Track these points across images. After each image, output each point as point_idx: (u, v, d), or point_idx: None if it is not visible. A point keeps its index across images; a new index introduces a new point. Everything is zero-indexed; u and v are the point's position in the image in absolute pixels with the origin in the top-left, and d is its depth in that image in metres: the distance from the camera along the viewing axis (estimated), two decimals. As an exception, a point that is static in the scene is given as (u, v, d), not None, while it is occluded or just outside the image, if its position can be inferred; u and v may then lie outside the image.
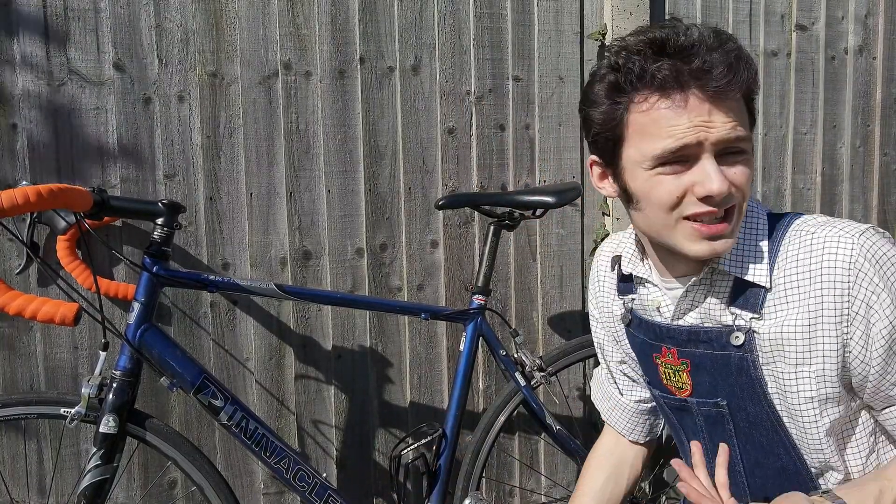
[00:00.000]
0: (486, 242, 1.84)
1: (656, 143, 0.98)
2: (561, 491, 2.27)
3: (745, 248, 1.07)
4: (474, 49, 2.08)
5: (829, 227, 1.02)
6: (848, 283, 0.99)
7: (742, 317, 1.07)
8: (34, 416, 1.53)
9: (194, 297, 1.90)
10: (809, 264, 1.02)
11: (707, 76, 0.95)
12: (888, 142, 2.60)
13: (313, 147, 1.96)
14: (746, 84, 0.99)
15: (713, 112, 0.96)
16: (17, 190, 1.20)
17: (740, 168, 1.00)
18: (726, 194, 0.98)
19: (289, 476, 1.62)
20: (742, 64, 0.98)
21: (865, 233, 1.00)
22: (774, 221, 1.08)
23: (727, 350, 1.09)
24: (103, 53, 1.79)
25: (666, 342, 1.16)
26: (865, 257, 0.98)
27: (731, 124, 0.97)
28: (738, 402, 1.11)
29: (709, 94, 0.96)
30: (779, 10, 2.41)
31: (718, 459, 1.00)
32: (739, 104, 1.00)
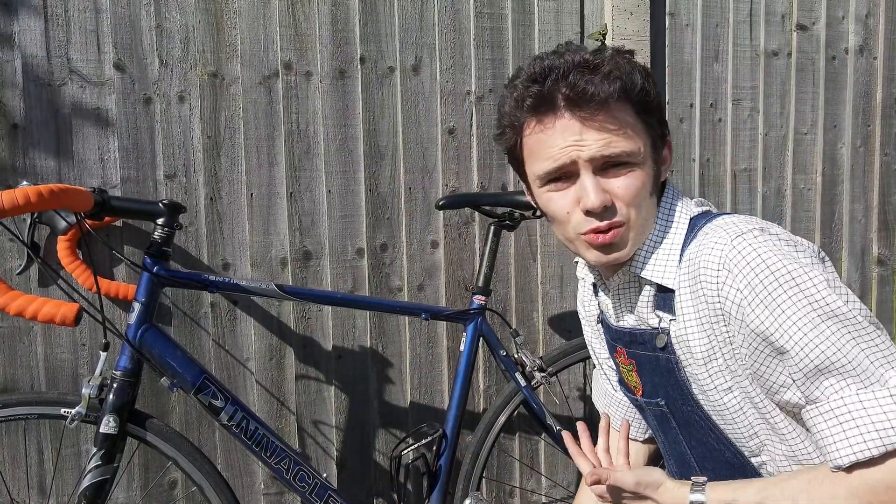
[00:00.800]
0: (487, 242, 1.84)
1: (539, 165, 1.07)
2: (561, 491, 2.27)
3: (659, 251, 1.09)
4: (475, 49, 2.08)
5: (720, 228, 1.03)
6: (717, 284, 0.99)
7: (664, 319, 1.10)
8: (34, 416, 1.54)
9: (195, 298, 1.90)
10: (694, 267, 1.03)
11: (575, 98, 1.01)
12: (889, 142, 2.60)
13: (314, 147, 1.96)
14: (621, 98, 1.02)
15: (584, 131, 1.02)
16: (18, 190, 1.20)
17: (623, 180, 1.04)
18: (604, 207, 1.03)
19: (289, 476, 1.62)
20: (612, 82, 1.01)
21: (745, 234, 0.99)
22: (699, 220, 1.09)
23: (656, 352, 1.12)
24: (104, 53, 1.79)
25: (618, 343, 1.21)
26: (736, 259, 0.97)
27: (603, 141, 1.02)
28: (674, 403, 1.14)
29: (578, 115, 1.02)
30: (779, 9, 2.41)
31: (621, 432, 1.16)
32: (623, 118, 1.03)
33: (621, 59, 1.05)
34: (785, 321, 0.94)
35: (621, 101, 1.02)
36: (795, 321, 0.93)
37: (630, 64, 1.05)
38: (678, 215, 1.11)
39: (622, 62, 1.04)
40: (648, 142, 1.06)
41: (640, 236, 1.08)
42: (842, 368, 0.92)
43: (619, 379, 1.29)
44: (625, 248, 1.07)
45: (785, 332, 0.94)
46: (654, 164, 1.08)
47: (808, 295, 0.93)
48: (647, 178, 1.06)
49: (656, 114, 1.08)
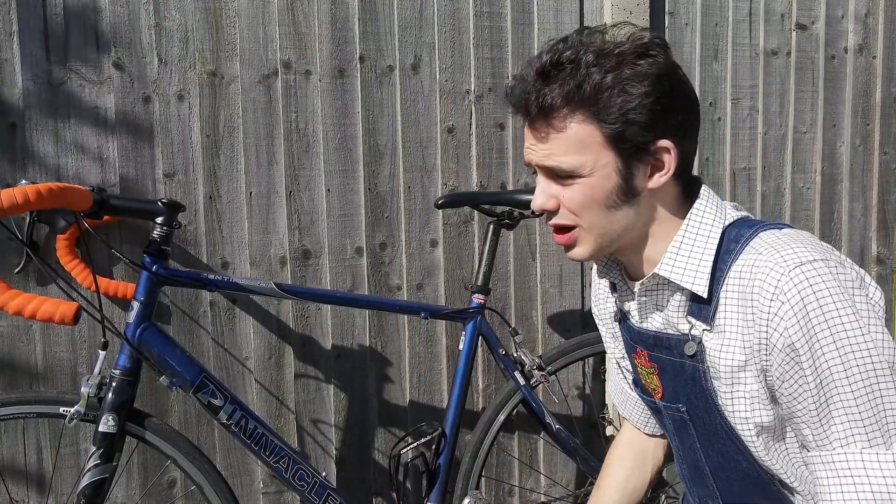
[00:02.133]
0: (486, 241, 1.84)
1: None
2: (560, 490, 2.27)
3: (690, 257, 1.06)
4: (474, 48, 2.08)
5: (773, 250, 0.99)
6: (769, 314, 0.97)
7: (696, 327, 1.08)
8: (33, 415, 1.53)
9: (194, 297, 1.90)
10: (747, 285, 1.00)
11: (524, 107, 1.03)
12: (888, 141, 2.60)
13: (313, 146, 1.96)
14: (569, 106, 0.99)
15: (532, 138, 1.05)
16: (17, 189, 1.19)
17: (567, 191, 1.04)
18: (543, 210, 1.07)
19: (288, 475, 1.62)
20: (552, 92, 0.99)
21: (805, 265, 0.95)
22: (742, 230, 1.06)
23: (683, 358, 1.10)
24: (103, 52, 1.79)
25: (639, 344, 1.19)
26: (792, 293, 0.94)
27: (544, 152, 1.03)
28: (696, 411, 1.12)
29: (529, 122, 1.05)
30: (779, 9, 2.41)
31: None
32: (570, 130, 1.00)
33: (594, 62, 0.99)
34: (825, 367, 0.94)
35: (572, 111, 1.00)
36: (834, 370, 0.93)
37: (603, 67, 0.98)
38: (711, 221, 1.07)
39: (588, 68, 0.98)
40: (608, 153, 1.01)
41: (605, 241, 1.07)
42: (855, 422, 0.93)
43: (634, 380, 1.28)
44: (580, 250, 1.08)
45: (822, 376, 0.94)
46: (620, 176, 1.02)
47: (854, 347, 0.93)
48: (596, 191, 1.03)
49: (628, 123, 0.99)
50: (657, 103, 1.00)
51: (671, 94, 1.02)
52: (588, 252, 1.08)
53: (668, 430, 1.24)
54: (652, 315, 1.14)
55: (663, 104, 1.00)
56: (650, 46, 1.01)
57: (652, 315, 1.14)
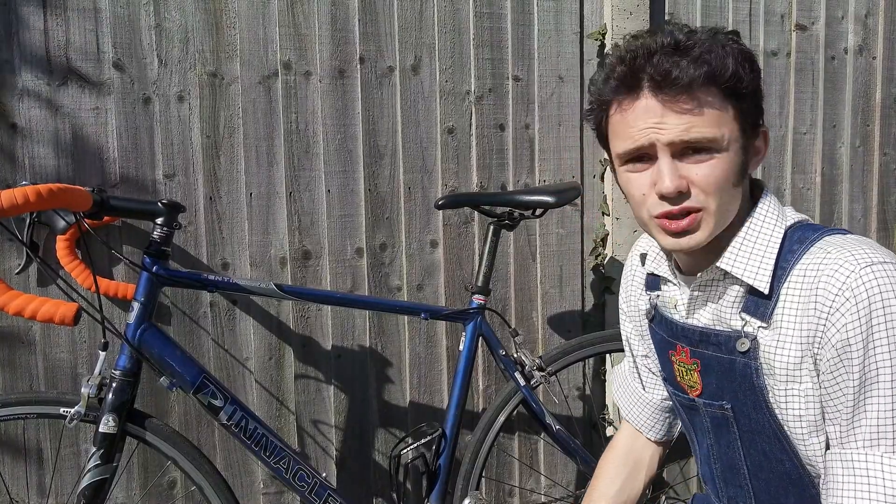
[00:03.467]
0: (486, 242, 1.84)
1: (620, 144, 1.06)
2: (560, 491, 2.27)
3: (753, 251, 1.06)
4: (474, 49, 2.08)
5: (843, 249, 0.99)
6: (830, 308, 0.97)
7: (751, 323, 1.07)
8: (34, 415, 1.54)
9: (194, 297, 1.90)
10: (811, 282, 1.00)
11: (658, 80, 1.00)
12: (888, 142, 2.60)
13: (313, 147, 1.96)
14: (708, 82, 1.00)
15: (665, 114, 1.00)
16: (17, 190, 1.19)
17: (703, 167, 1.01)
18: (679, 193, 1.01)
19: (288, 476, 1.62)
20: (698, 66, 0.99)
21: (876, 266, 0.96)
22: (806, 233, 1.06)
23: (733, 355, 1.09)
24: (103, 53, 1.79)
25: (681, 340, 1.18)
26: (859, 290, 0.95)
27: (684, 126, 0.99)
28: (742, 408, 1.11)
29: (660, 98, 1.00)
30: (779, 9, 2.41)
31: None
32: (708, 103, 1.00)
33: (716, 41, 1.01)
34: (874, 366, 0.94)
35: (708, 85, 1.00)
36: (881, 370, 0.94)
37: (726, 47, 1.01)
38: (774, 220, 1.08)
39: (716, 45, 1.01)
40: (736, 129, 1.03)
41: (719, 225, 1.05)
42: (885, 425, 0.93)
43: (666, 377, 1.26)
44: (700, 234, 1.04)
45: (868, 374, 0.95)
46: (742, 153, 1.04)
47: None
48: (729, 166, 1.02)
49: (749, 100, 1.04)
50: (761, 85, 1.06)
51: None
52: (706, 237, 1.05)
53: (698, 430, 1.22)
54: (702, 310, 1.14)
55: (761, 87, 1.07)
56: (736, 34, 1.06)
57: (702, 310, 1.14)
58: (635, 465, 1.40)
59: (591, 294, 2.27)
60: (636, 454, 1.41)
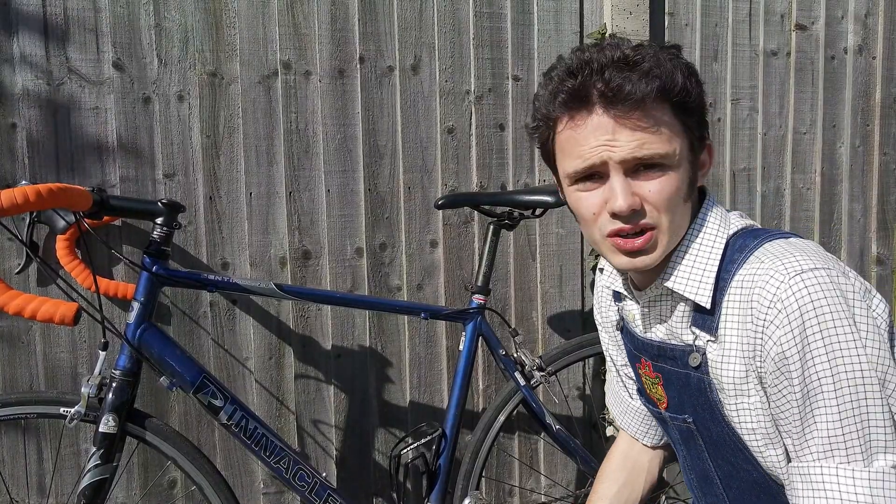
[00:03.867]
0: (486, 242, 1.84)
1: (570, 163, 1.03)
2: (560, 490, 2.27)
3: (694, 266, 1.05)
4: (474, 48, 2.08)
5: (775, 259, 0.97)
6: (764, 321, 0.96)
7: (701, 337, 1.06)
8: (34, 415, 1.53)
9: (194, 297, 1.90)
10: (747, 295, 0.99)
11: (610, 96, 0.96)
12: (887, 141, 2.61)
13: (313, 147, 1.96)
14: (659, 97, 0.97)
15: (617, 130, 0.97)
16: (17, 189, 1.19)
17: (656, 184, 0.99)
18: (632, 211, 0.99)
19: (288, 476, 1.62)
20: (650, 81, 0.96)
21: (805, 274, 0.93)
22: (747, 240, 1.05)
23: (688, 370, 1.08)
24: (103, 53, 1.79)
25: (643, 354, 1.17)
26: (789, 301, 0.93)
27: (636, 143, 0.97)
28: (703, 422, 1.10)
29: (612, 114, 0.97)
30: (778, 9, 2.41)
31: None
32: (659, 118, 0.98)
33: (664, 55, 1.00)
34: (814, 378, 0.92)
35: (659, 100, 0.98)
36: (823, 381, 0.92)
37: (673, 61, 1.00)
38: (715, 231, 1.06)
39: (664, 59, 0.99)
40: (686, 144, 1.01)
41: (671, 242, 1.04)
42: (835, 436, 0.92)
43: (639, 389, 1.26)
44: (654, 253, 1.02)
45: (810, 386, 0.93)
46: (691, 168, 1.03)
47: (846, 359, 0.91)
48: (681, 182, 1.01)
49: (696, 115, 1.02)
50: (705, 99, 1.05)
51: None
52: (660, 256, 1.03)
53: (674, 441, 1.22)
54: (656, 325, 1.13)
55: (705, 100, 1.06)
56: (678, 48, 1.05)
57: (656, 325, 1.13)
58: (634, 469, 1.39)
59: (592, 294, 2.27)
60: (634, 458, 1.40)
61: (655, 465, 1.40)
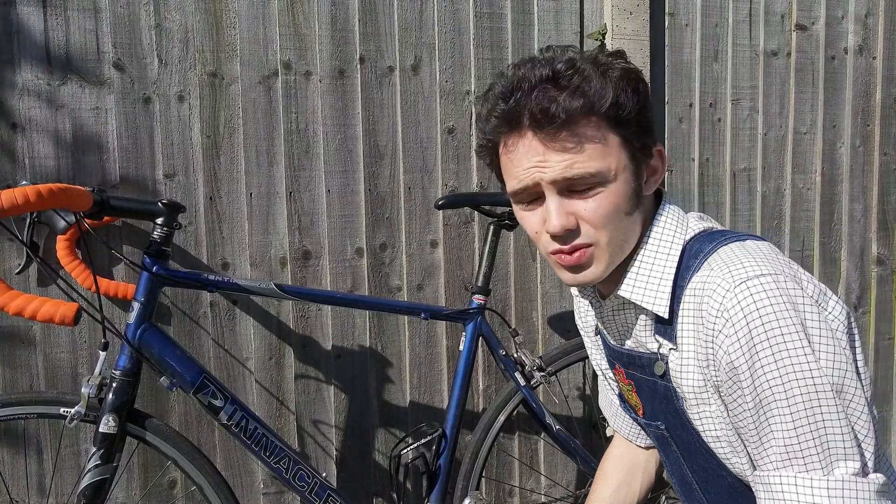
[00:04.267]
0: (486, 242, 1.84)
1: (509, 183, 1.03)
2: (560, 490, 2.27)
3: (650, 275, 1.04)
4: (474, 49, 2.08)
5: (723, 266, 0.96)
6: (714, 330, 0.95)
7: (664, 345, 1.05)
8: (34, 415, 1.53)
9: (194, 297, 1.90)
10: (698, 303, 0.98)
11: (539, 118, 0.96)
12: (888, 142, 2.60)
13: (313, 147, 1.96)
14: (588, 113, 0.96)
15: (547, 152, 0.97)
16: (17, 190, 1.19)
17: (590, 202, 0.98)
18: (567, 231, 0.99)
19: (288, 476, 1.62)
20: (575, 99, 0.95)
21: (751, 281, 0.92)
22: (703, 245, 1.03)
23: (654, 378, 1.08)
24: (103, 53, 1.79)
25: (617, 361, 1.18)
26: (734, 309, 0.92)
27: (566, 163, 0.96)
28: (673, 428, 1.10)
29: (540, 136, 0.97)
30: (779, 9, 2.41)
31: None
32: (590, 136, 0.96)
33: (594, 69, 0.97)
34: (765, 387, 0.91)
35: (587, 116, 0.96)
36: (774, 390, 0.90)
37: (607, 73, 0.98)
38: (671, 237, 1.05)
39: (594, 73, 0.97)
40: (623, 156, 0.99)
41: (616, 256, 1.03)
42: (792, 445, 0.90)
43: (619, 394, 1.27)
44: (595, 268, 1.02)
45: (761, 395, 0.91)
46: (634, 179, 1.01)
47: (796, 367, 0.90)
48: (619, 197, 0.99)
49: (633, 125, 1.00)
50: (648, 104, 1.02)
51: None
52: (602, 270, 1.02)
53: (656, 446, 1.23)
54: (622, 333, 1.13)
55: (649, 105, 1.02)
56: (620, 54, 1.03)
57: (622, 333, 1.13)
58: (631, 469, 1.39)
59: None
60: (631, 458, 1.40)
61: (652, 465, 1.40)
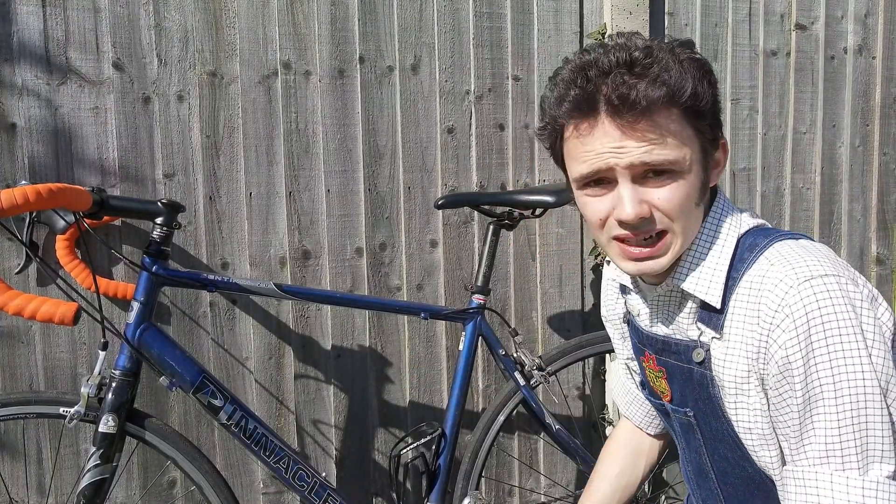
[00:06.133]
0: (486, 242, 1.84)
1: (576, 167, 1.02)
2: (560, 490, 2.27)
3: (704, 265, 1.05)
4: (474, 48, 2.08)
5: (786, 262, 0.97)
6: (771, 324, 0.95)
7: (706, 333, 1.06)
8: (33, 415, 1.53)
9: (194, 297, 1.90)
10: (755, 296, 0.99)
11: (616, 104, 0.95)
12: (887, 141, 2.60)
13: (313, 146, 1.96)
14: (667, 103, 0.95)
15: (625, 137, 0.96)
16: (17, 189, 1.19)
17: (666, 191, 0.98)
18: (641, 219, 0.98)
19: (288, 475, 1.62)
20: (657, 88, 0.94)
21: (814, 280, 0.93)
22: (757, 239, 1.04)
23: (691, 364, 1.09)
24: (103, 53, 1.79)
25: (647, 348, 1.18)
26: (797, 306, 0.93)
27: (644, 148, 0.95)
28: (703, 416, 1.11)
29: (618, 122, 0.96)
30: (778, 9, 2.41)
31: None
32: (668, 126, 0.96)
33: (672, 58, 0.97)
34: (816, 384, 0.92)
35: (668, 107, 0.96)
36: (824, 388, 0.92)
37: (684, 62, 0.98)
38: (726, 230, 1.05)
39: (672, 62, 0.96)
40: (697, 147, 1.00)
41: (683, 246, 1.03)
42: (832, 443, 0.91)
43: (642, 381, 1.27)
44: (664, 258, 1.02)
45: (811, 392, 0.93)
46: (703, 171, 1.01)
47: (849, 367, 0.91)
48: (692, 187, 0.99)
49: (709, 117, 1.00)
50: (719, 96, 1.03)
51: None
52: (669, 261, 1.03)
53: (675, 433, 1.23)
54: (662, 319, 1.14)
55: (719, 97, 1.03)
56: (689, 45, 1.02)
57: (662, 319, 1.14)
58: (635, 452, 1.42)
59: (591, 294, 2.27)
60: (636, 442, 1.42)
61: (655, 450, 1.42)
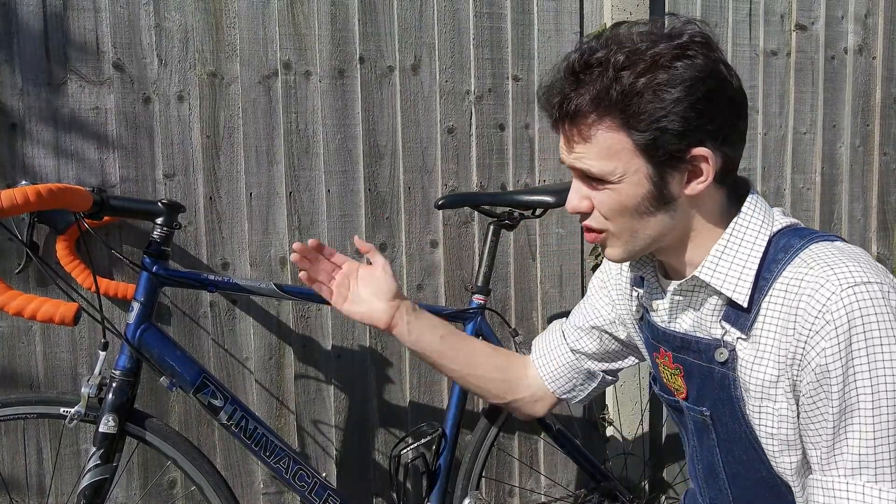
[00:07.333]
0: (486, 242, 1.84)
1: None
2: (560, 490, 2.27)
3: (733, 262, 1.03)
4: (474, 49, 2.08)
5: (826, 266, 0.95)
6: (810, 330, 0.94)
7: (731, 333, 1.05)
8: (34, 415, 1.53)
9: (194, 297, 1.90)
10: (792, 300, 0.97)
11: (556, 107, 1.01)
12: (888, 141, 2.61)
13: (313, 147, 1.96)
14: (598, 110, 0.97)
15: (566, 140, 1.03)
16: (17, 190, 1.20)
17: (599, 195, 1.03)
18: (578, 213, 1.07)
19: (288, 476, 1.62)
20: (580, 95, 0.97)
21: (858, 287, 0.92)
22: (792, 240, 1.03)
23: (712, 364, 1.07)
24: (103, 53, 1.79)
25: (663, 344, 1.16)
26: (839, 312, 0.91)
27: (574, 155, 1.03)
28: (720, 416, 1.10)
29: (561, 127, 1.03)
30: (778, 9, 2.41)
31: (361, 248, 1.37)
32: (594, 134, 0.98)
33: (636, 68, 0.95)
34: (853, 394, 0.92)
35: (601, 116, 0.96)
36: (861, 398, 0.91)
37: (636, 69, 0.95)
38: (758, 227, 1.04)
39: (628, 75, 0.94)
40: (639, 161, 0.98)
41: (632, 244, 1.06)
42: (867, 454, 0.91)
43: (654, 377, 1.25)
44: (611, 251, 1.08)
45: (848, 402, 0.92)
46: (652, 183, 0.99)
47: (888, 378, 0.90)
48: (626, 197, 1.00)
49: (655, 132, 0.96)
50: (691, 109, 0.96)
51: (709, 98, 0.97)
52: (620, 254, 1.08)
53: (686, 430, 1.22)
54: (682, 316, 1.12)
55: (699, 110, 0.96)
56: (688, 46, 0.97)
57: (682, 316, 1.12)
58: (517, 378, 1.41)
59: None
60: (515, 372, 1.42)
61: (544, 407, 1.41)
